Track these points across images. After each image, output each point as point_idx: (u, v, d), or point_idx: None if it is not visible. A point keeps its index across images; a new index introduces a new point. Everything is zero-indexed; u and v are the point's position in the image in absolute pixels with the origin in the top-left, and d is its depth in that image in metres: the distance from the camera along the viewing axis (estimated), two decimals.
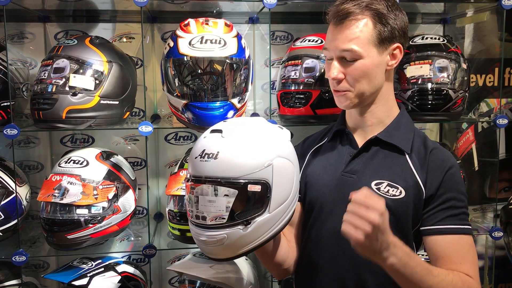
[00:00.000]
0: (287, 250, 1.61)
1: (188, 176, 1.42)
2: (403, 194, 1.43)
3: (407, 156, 1.48)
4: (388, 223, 1.22)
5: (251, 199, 1.35)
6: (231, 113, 1.91)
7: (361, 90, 1.47)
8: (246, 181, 1.32)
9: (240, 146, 1.35)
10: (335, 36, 1.46)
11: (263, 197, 1.35)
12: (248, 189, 1.32)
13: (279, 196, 1.38)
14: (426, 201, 1.44)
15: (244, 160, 1.33)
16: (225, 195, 1.33)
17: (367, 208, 1.19)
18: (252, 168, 1.33)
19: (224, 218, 1.33)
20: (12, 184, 2.07)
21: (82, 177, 1.95)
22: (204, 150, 1.35)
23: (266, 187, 1.35)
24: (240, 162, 1.33)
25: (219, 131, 1.39)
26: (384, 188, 1.44)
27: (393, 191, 1.44)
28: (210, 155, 1.33)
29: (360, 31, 1.43)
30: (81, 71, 1.93)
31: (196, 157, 1.36)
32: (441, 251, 1.41)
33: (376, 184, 1.45)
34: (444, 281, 1.32)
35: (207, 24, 1.92)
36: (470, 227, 1.45)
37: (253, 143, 1.36)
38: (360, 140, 1.56)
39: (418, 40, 2.15)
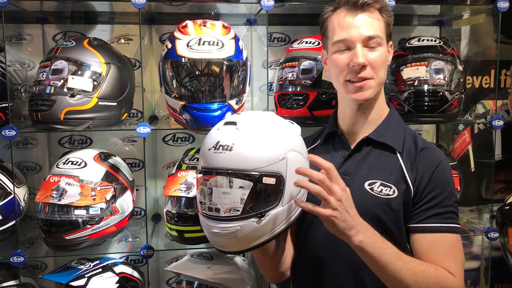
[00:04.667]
0: (285, 252, 1.62)
1: (200, 168, 1.42)
2: (396, 193, 1.44)
3: (398, 154, 1.50)
4: (352, 204, 1.30)
5: (265, 191, 1.36)
6: (228, 114, 1.92)
7: (382, 78, 1.50)
8: (261, 173, 1.33)
9: (255, 139, 1.36)
10: (358, 24, 1.46)
11: (277, 190, 1.36)
12: (263, 182, 1.34)
13: (292, 189, 1.39)
14: (413, 199, 1.45)
15: (260, 153, 1.34)
16: (240, 187, 1.34)
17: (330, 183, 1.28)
18: (267, 161, 1.34)
19: (239, 210, 1.34)
20: (10, 185, 2.08)
21: (80, 178, 1.95)
22: (218, 142, 1.36)
23: (280, 180, 1.36)
24: (255, 154, 1.34)
25: (233, 123, 1.40)
26: (378, 187, 1.45)
27: (386, 190, 1.45)
28: (225, 147, 1.34)
29: (379, 20, 1.48)
30: (79, 72, 1.94)
31: (209, 149, 1.37)
32: (422, 249, 1.43)
33: (369, 184, 1.46)
34: (414, 268, 1.33)
35: (204, 25, 1.93)
36: (457, 225, 1.45)
37: (268, 136, 1.37)
38: (352, 141, 1.57)
39: (415, 42, 2.17)
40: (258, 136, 1.37)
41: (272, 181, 1.34)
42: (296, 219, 1.62)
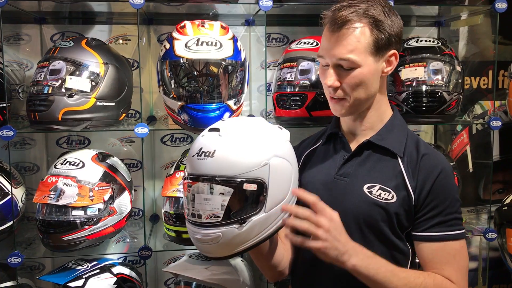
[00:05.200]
0: (282, 252, 1.61)
1: (186, 174, 1.43)
2: (395, 198, 1.43)
3: (399, 159, 1.48)
4: (342, 230, 1.32)
5: (246, 198, 1.36)
6: (227, 115, 1.92)
7: (357, 98, 1.45)
8: (242, 179, 1.33)
9: (236, 145, 1.35)
10: (331, 44, 1.41)
11: (259, 196, 1.36)
12: (244, 188, 1.33)
13: (275, 195, 1.38)
14: (415, 207, 1.44)
15: (240, 159, 1.33)
16: (220, 193, 1.33)
17: (316, 214, 1.31)
18: (248, 167, 1.33)
19: (219, 217, 1.34)
20: (8, 186, 2.07)
21: (78, 179, 1.94)
22: (201, 148, 1.36)
23: (262, 186, 1.35)
24: (236, 160, 1.33)
25: (217, 129, 1.39)
26: (376, 191, 1.44)
27: (385, 194, 1.44)
28: (207, 153, 1.34)
29: (358, 40, 1.39)
30: (77, 72, 1.93)
31: (193, 155, 1.37)
32: (426, 257, 1.44)
33: (368, 188, 1.45)
34: (410, 283, 1.35)
35: (203, 26, 1.92)
36: (461, 231, 1.44)
37: (249, 142, 1.37)
38: (353, 143, 1.56)
39: (413, 43, 2.17)
40: (240, 142, 1.36)
41: (253, 187, 1.34)
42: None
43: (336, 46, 1.40)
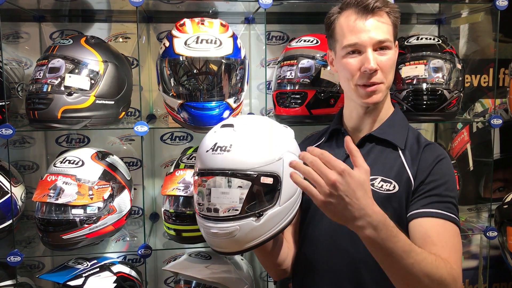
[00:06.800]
0: (287, 251, 1.63)
1: (197, 170, 1.44)
2: (397, 188, 1.45)
3: (400, 152, 1.51)
4: (360, 188, 1.14)
5: (263, 191, 1.39)
6: (226, 113, 1.91)
7: (390, 81, 1.52)
8: (259, 173, 1.36)
9: (252, 140, 1.40)
10: (369, 28, 1.46)
11: (274, 190, 1.40)
12: (261, 181, 1.37)
13: (288, 189, 1.42)
14: (414, 191, 1.44)
15: (257, 153, 1.38)
16: (238, 186, 1.37)
17: (326, 165, 1.13)
18: (265, 161, 1.37)
19: (238, 210, 1.37)
20: (7, 184, 2.07)
21: (78, 177, 1.94)
22: (216, 143, 1.39)
23: (277, 180, 1.39)
24: (253, 155, 1.37)
25: (230, 125, 1.43)
26: (378, 183, 1.46)
27: (386, 185, 1.46)
28: (223, 148, 1.37)
29: (387, 23, 1.49)
30: (76, 71, 1.93)
31: (207, 151, 1.40)
32: (423, 233, 1.35)
33: (370, 180, 1.46)
34: (426, 259, 1.23)
35: (202, 24, 1.92)
36: (457, 218, 1.41)
37: (264, 137, 1.42)
38: (355, 138, 1.58)
39: (413, 41, 2.16)
40: (255, 137, 1.41)
41: (269, 180, 1.38)
42: (297, 217, 1.63)
43: (375, 29, 1.46)
